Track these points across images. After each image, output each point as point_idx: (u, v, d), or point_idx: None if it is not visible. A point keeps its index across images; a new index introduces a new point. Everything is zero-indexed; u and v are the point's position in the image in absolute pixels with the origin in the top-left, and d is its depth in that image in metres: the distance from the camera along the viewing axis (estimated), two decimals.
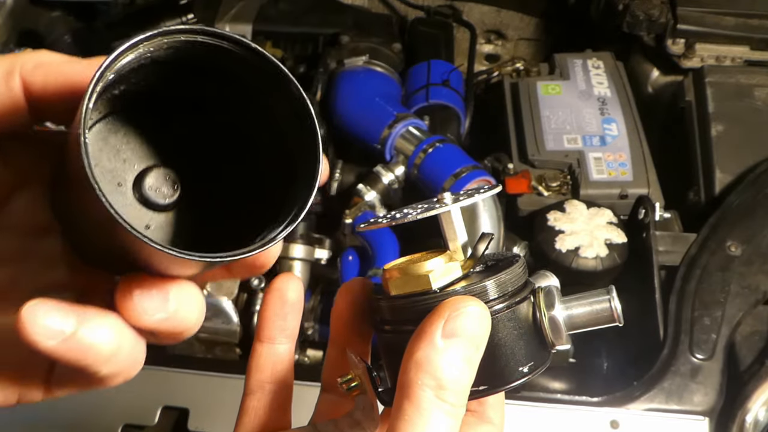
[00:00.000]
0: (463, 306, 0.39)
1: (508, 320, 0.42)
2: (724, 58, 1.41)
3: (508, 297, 0.42)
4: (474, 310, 0.39)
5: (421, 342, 0.38)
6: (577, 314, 0.43)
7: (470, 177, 1.16)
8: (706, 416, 0.90)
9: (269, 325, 0.48)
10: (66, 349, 0.34)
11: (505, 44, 1.80)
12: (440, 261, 0.43)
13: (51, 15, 1.62)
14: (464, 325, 0.39)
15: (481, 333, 0.39)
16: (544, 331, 0.43)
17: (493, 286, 0.41)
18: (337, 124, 1.36)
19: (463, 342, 0.38)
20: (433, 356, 0.38)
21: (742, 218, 1.07)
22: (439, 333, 0.38)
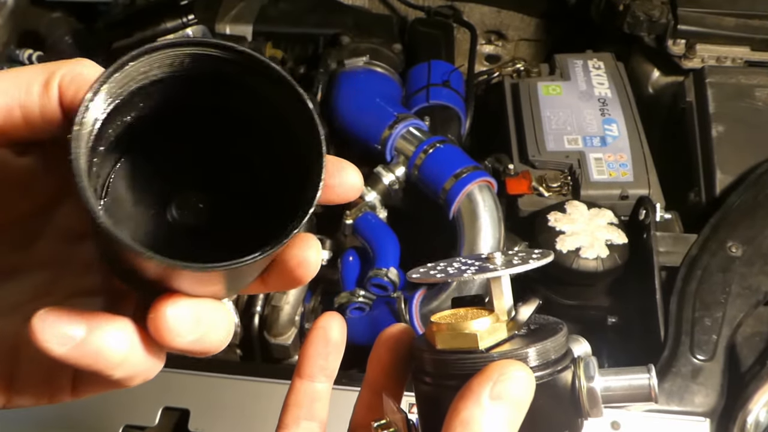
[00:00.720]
0: (512, 370, 0.40)
1: (549, 388, 0.42)
2: (724, 59, 1.41)
3: (551, 365, 0.43)
4: (522, 375, 0.40)
5: (467, 401, 0.39)
6: (614, 388, 0.44)
7: (471, 178, 1.16)
8: (707, 417, 0.90)
9: (310, 363, 0.48)
10: (78, 355, 0.35)
11: (506, 45, 1.80)
12: (488, 321, 0.43)
13: (52, 16, 1.62)
14: (512, 388, 0.39)
15: (526, 398, 0.40)
16: (581, 402, 0.43)
17: (539, 353, 0.42)
18: (337, 125, 1.36)
19: (509, 405, 0.39)
20: (479, 416, 0.39)
21: (743, 219, 1.07)
22: (486, 394, 0.39)
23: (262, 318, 1.19)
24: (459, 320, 0.44)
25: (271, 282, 0.42)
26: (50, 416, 0.93)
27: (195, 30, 1.40)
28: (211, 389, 0.93)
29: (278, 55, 1.53)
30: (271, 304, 1.19)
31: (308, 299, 1.24)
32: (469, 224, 1.14)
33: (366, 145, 1.30)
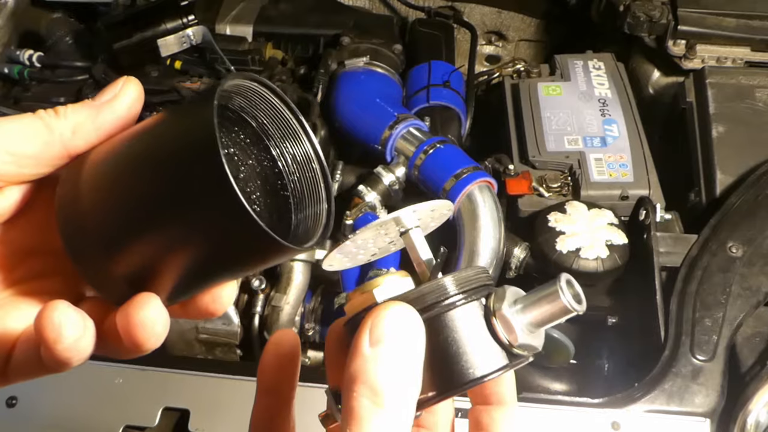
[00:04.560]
0: (386, 311, 0.38)
1: (453, 321, 0.40)
2: (725, 59, 1.41)
3: (445, 299, 0.41)
4: (395, 313, 0.38)
5: (351, 355, 0.38)
6: (531, 310, 0.42)
7: (471, 178, 1.16)
8: (707, 417, 0.90)
9: (266, 379, 0.48)
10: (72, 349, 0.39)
11: (506, 45, 1.80)
12: (394, 278, 0.42)
13: (52, 16, 1.63)
14: (387, 329, 0.38)
15: (409, 335, 0.38)
16: (495, 331, 0.41)
17: (432, 290, 0.41)
18: (337, 125, 1.36)
19: (392, 346, 0.38)
20: (363, 365, 0.37)
21: (743, 219, 1.07)
22: (365, 342, 0.38)
23: (262, 318, 1.19)
24: (366, 284, 0.43)
25: (190, 310, 0.46)
26: (50, 416, 0.93)
27: (195, 31, 1.40)
28: (211, 389, 0.93)
29: (278, 55, 1.53)
30: (271, 305, 1.19)
31: (308, 299, 1.23)
32: (469, 224, 1.14)
33: (366, 146, 1.30)
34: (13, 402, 0.92)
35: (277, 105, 0.44)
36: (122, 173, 0.41)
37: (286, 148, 0.45)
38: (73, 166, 0.43)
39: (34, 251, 0.47)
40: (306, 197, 0.46)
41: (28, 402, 0.92)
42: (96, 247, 0.41)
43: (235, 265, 0.42)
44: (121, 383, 0.93)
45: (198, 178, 0.37)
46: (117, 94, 0.44)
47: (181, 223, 0.39)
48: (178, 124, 0.40)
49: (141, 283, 0.41)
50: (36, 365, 0.43)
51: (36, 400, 0.93)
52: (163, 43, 1.38)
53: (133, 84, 0.45)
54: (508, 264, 1.15)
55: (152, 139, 0.41)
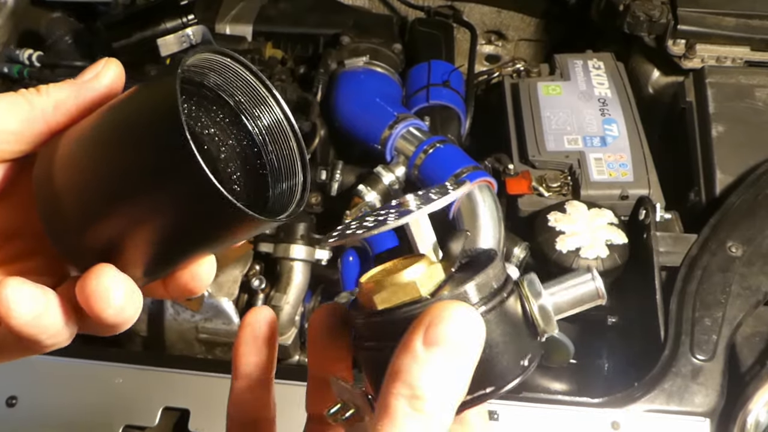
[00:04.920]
0: (447, 311, 0.37)
1: (500, 318, 0.40)
2: (724, 59, 1.41)
3: (496, 294, 0.40)
4: (459, 314, 0.37)
5: (400, 352, 0.37)
6: (562, 298, 0.43)
7: (471, 177, 1.16)
8: (707, 417, 0.90)
9: (243, 362, 0.47)
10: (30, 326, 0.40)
11: (506, 45, 1.80)
12: (422, 266, 0.41)
13: (52, 16, 1.63)
14: (448, 331, 0.36)
15: (469, 338, 0.37)
16: (535, 321, 0.42)
17: (479, 286, 0.40)
18: (337, 125, 1.36)
19: (447, 350, 0.36)
20: (410, 365, 0.36)
21: (743, 219, 1.07)
22: (419, 341, 0.36)
23: None
24: (392, 274, 0.41)
25: (171, 289, 0.46)
26: (50, 416, 0.93)
27: (195, 30, 1.40)
28: (211, 389, 0.93)
29: (278, 55, 1.53)
30: (271, 305, 1.19)
31: (308, 299, 1.24)
32: (469, 224, 1.14)
33: (366, 145, 1.30)
34: (13, 402, 0.92)
35: (246, 76, 0.44)
36: (91, 149, 0.41)
37: (260, 120, 0.45)
38: (50, 143, 0.44)
39: (17, 233, 0.47)
40: (283, 172, 0.45)
41: (28, 402, 0.92)
42: (71, 224, 0.41)
43: (206, 240, 0.41)
44: (121, 383, 0.93)
45: (163, 150, 0.37)
46: (98, 72, 0.45)
47: (149, 197, 0.38)
48: (144, 98, 0.40)
49: (116, 259, 0.41)
50: (12, 346, 0.43)
51: (36, 400, 0.93)
52: (163, 43, 1.38)
53: (113, 63, 0.45)
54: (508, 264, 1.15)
55: (119, 114, 0.41)
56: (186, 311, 1.18)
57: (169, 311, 1.19)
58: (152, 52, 1.39)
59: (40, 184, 0.42)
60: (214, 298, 1.16)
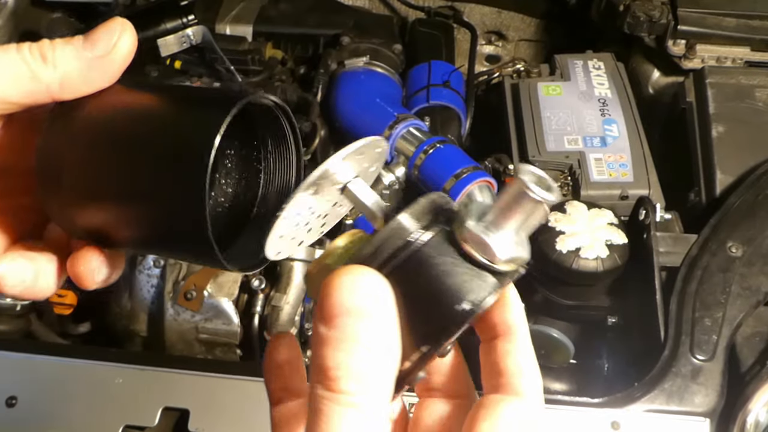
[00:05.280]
0: (333, 282, 0.33)
1: (421, 264, 0.35)
2: (724, 59, 1.41)
3: (409, 240, 0.35)
4: (345, 281, 0.33)
5: (312, 339, 0.34)
6: (502, 219, 0.36)
7: (471, 178, 1.16)
8: (707, 417, 0.90)
9: (273, 388, 0.45)
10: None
11: (506, 45, 1.80)
12: (341, 240, 0.38)
13: (52, 16, 1.63)
14: (337, 303, 0.32)
15: (365, 301, 0.33)
16: (471, 256, 0.36)
17: (387, 237, 0.35)
18: (337, 125, 1.36)
19: (348, 319, 0.32)
20: (317, 350, 0.33)
21: (743, 219, 1.07)
22: (319, 323, 0.33)
23: (262, 318, 1.19)
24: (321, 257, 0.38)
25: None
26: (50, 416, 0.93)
27: (195, 30, 1.40)
28: (211, 389, 0.93)
29: (278, 55, 1.53)
30: (271, 305, 1.19)
31: (308, 299, 1.23)
32: None
33: None
34: (13, 402, 0.92)
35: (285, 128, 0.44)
36: (108, 148, 0.41)
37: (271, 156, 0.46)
38: (60, 117, 0.42)
39: (7, 170, 0.46)
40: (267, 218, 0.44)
41: (28, 402, 0.92)
42: (69, 203, 0.42)
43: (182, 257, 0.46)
44: (121, 383, 0.93)
45: (178, 194, 0.38)
46: (114, 44, 0.41)
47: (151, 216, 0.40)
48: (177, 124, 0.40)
49: (102, 239, 0.43)
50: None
51: (36, 400, 0.93)
52: (163, 43, 1.38)
53: (129, 36, 0.42)
54: None
55: (146, 125, 0.40)
56: (186, 311, 1.18)
57: (170, 311, 1.19)
58: (152, 53, 1.39)
59: (45, 156, 0.42)
60: (214, 298, 1.16)
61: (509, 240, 0.36)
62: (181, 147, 0.38)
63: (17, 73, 0.40)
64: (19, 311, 1.17)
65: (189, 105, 0.41)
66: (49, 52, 0.40)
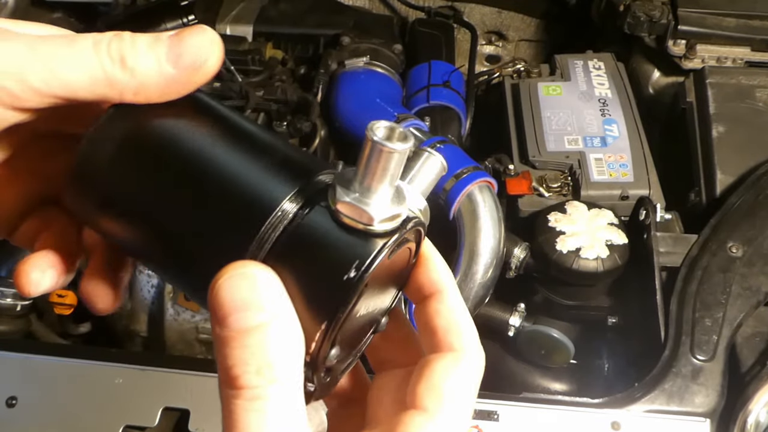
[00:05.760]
0: (215, 285, 0.33)
1: (302, 246, 0.35)
2: (725, 59, 1.41)
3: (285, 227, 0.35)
4: (227, 281, 0.33)
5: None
6: (368, 178, 0.35)
7: (471, 178, 1.16)
8: (707, 417, 0.90)
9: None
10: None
11: (506, 45, 1.80)
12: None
13: (52, 16, 1.62)
14: (224, 301, 0.32)
15: (249, 293, 0.33)
16: (346, 224, 0.35)
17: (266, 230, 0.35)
18: (337, 125, 1.36)
19: (237, 316, 0.32)
20: (218, 351, 0.33)
21: (744, 219, 1.07)
22: (214, 326, 0.33)
23: None
24: None
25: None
26: (50, 416, 0.93)
27: None
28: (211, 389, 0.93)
29: (278, 55, 1.53)
30: None
31: None
32: (469, 224, 1.14)
33: None
34: (13, 402, 0.92)
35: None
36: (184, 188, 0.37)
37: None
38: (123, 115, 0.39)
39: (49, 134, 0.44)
40: None
41: (28, 402, 0.92)
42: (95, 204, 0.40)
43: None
44: (121, 383, 0.93)
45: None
46: (198, 68, 0.37)
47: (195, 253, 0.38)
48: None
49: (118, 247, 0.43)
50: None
51: (36, 400, 0.93)
52: None
53: (218, 55, 0.38)
54: (508, 264, 1.15)
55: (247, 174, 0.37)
56: (186, 311, 1.18)
57: (170, 312, 1.19)
58: None
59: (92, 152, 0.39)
60: None
61: (385, 200, 0.36)
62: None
63: (92, 74, 0.36)
64: (20, 311, 1.17)
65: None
66: (129, 55, 0.36)
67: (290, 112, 1.36)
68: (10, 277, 1.16)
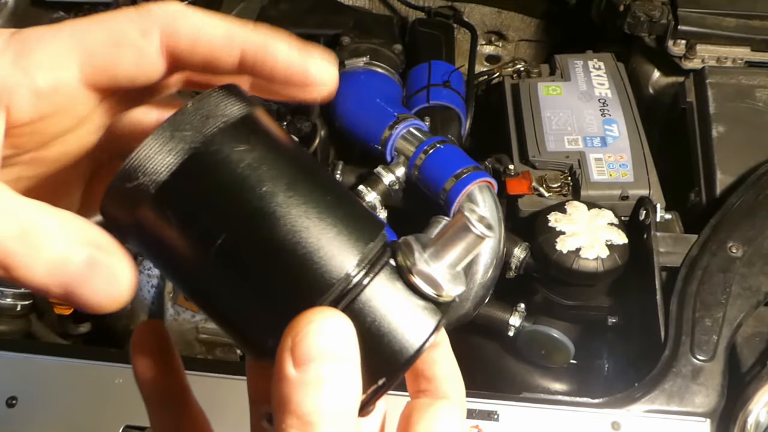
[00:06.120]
0: (306, 325, 0.33)
1: (370, 301, 0.36)
2: (725, 59, 1.41)
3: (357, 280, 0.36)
4: (313, 325, 0.33)
5: (275, 378, 0.33)
6: (444, 254, 0.37)
7: (471, 178, 1.16)
8: (707, 418, 0.90)
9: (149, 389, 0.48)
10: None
11: (506, 45, 1.80)
12: None
13: (52, 16, 1.63)
14: (309, 346, 0.33)
15: (341, 343, 0.33)
16: (420, 290, 0.37)
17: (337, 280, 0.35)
18: (337, 125, 1.36)
19: (321, 364, 0.33)
20: (288, 392, 0.32)
21: (744, 219, 1.07)
22: (289, 365, 0.33)
23: None
24: None
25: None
26: (50, 416, 0.93)
27: None
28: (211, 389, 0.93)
29: None
30: None
31: None
32: None
33: (366, 146, 1.30)
34: (13, 402, 0.92)
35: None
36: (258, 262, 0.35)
37: None
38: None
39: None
40: None
41: (28, 402, 0.92)
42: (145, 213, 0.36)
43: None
44: (121, 383, 0.93)
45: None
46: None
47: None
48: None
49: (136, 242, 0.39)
50: None
51: (36, 400, 0.93)
52: None
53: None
54: (508, 264, 1.15)
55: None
56: (186, 311, 1.18)
57: (170, 312, 1.19)
58: None
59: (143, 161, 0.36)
60: None
61: (450, 273, 0.37)
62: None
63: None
64: (20, 311, 1.17)
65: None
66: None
67: (290, 112, 1.36)
68: None
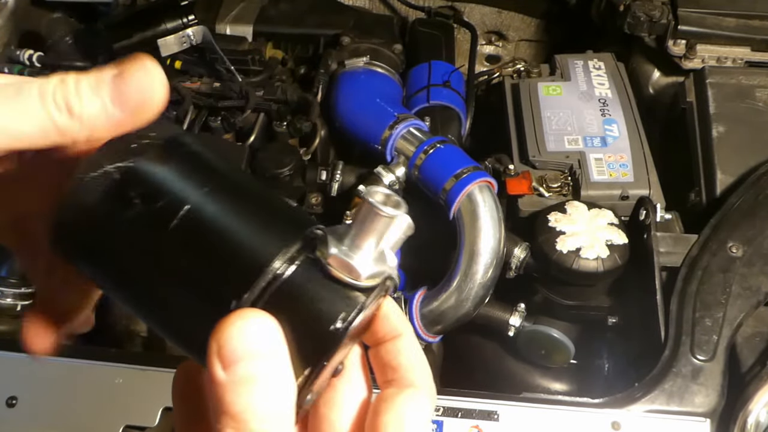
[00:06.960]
0: (223, 329, 0.34)
1: (291, 295, 0.37)
2: (725, 59, 1.41)
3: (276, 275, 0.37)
4: (236, 326, 0.33)
5: (207, 385, 0.34)
6: (360, 239, 0.38)
7: (471, 178, 1.16)
8: (707, 418, 0.90)
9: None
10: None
11: (506, 45, 1.80)
12: None
13: (52, 16, 1.63)
14: (234, 347, 0.33)
15: (263, 339, 0.34)
16: (337, 278, 0.38)
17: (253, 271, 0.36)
18: (337, 125, 1.36)
19: (248, 362, 0.33)
20: (220, 394, 0.33)
21: (744, 219, 1.07)
22: (217, 368, 0.33)
23: None
24: None
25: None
26: (50, 416, 0.93)
27: (195, 31, 1.40)
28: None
29: (279, 55, 1.53)
30: None
31: None
32: (469, 224, 1.14)
33: (366, 146, 1.30)
34: (13, 402, 0.92)
35: None
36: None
37: None
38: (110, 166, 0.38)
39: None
40: None
41: (28, 402, 0.92)
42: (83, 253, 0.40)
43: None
44: (121, 383, 0.93)
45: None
46: (146, 104, 0.38)
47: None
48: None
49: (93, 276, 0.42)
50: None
51: (36, 400, 0.93)
52: (163, 43, 1.38)
53: (161, 90, 0.38)
54: (508, 264, 1.15)
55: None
56: None
57: None
58: (153, 53, 1.39)
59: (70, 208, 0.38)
60: None
61: (370, 257, 0.38)
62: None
63: (41, 126, 0.36)
64: (20, 311, 1.17)
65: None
66: (75, 104, 0.36)
67: (290, 112, 1.36)
68: (10, 277, 1.16)
